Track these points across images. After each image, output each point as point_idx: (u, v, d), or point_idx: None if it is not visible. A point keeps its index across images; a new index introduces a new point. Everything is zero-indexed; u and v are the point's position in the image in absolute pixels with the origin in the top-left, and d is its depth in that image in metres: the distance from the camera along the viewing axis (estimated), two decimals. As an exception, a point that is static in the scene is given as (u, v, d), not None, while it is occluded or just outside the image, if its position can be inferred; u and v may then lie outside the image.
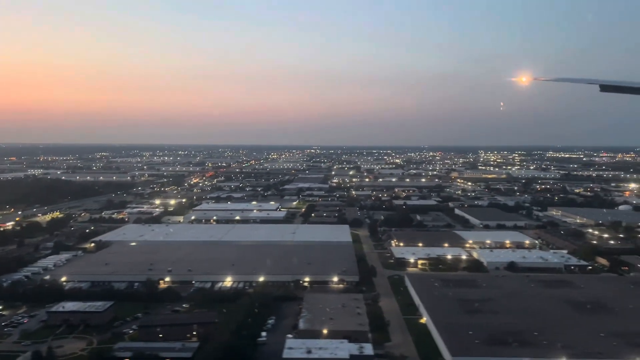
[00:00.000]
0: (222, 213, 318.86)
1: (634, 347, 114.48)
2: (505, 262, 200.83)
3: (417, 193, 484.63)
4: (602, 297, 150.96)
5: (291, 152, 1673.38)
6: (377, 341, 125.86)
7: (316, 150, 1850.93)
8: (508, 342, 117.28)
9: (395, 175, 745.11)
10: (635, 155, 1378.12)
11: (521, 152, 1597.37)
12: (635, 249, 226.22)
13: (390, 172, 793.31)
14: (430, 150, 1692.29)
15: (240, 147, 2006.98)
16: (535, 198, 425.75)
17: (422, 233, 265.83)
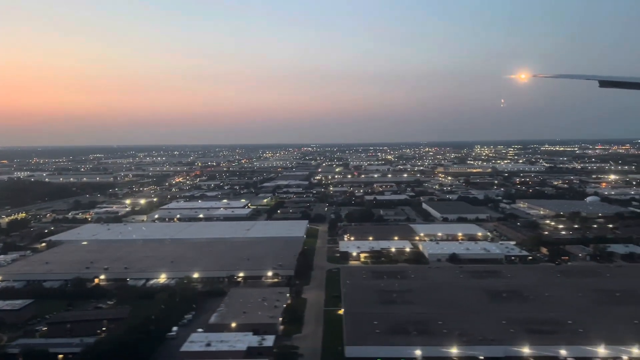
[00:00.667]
0: (186, 211, 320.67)
1: (530, 333, 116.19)
2: (447, 254, 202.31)
3: (394, 188, 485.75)
4: (522, 286, 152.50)
5: (287, 150, 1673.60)
6: (287, 333, 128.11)
7: (313, 148, 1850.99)
8: (408, 331, 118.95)
9: (381, 171, 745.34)
10: (630, 147, 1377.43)
11: (517, 147, 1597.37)
12: (581, 238, 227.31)
13: (377, 169, 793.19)
14: (428, 146, 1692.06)
15: (237, 147, 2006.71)
16: (508, 191, 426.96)
17: (378, 227, 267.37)
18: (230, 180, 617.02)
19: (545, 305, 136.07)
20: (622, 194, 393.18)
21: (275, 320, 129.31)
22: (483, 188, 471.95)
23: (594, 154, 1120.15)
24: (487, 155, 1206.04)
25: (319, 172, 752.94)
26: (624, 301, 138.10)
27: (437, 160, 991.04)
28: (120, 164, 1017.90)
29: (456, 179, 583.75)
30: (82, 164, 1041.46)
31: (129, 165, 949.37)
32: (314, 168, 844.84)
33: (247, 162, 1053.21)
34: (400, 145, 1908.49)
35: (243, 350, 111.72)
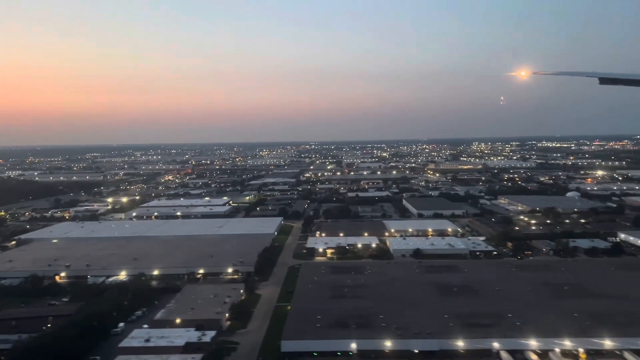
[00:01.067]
0: (165, 209, 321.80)
1: (468, 327, 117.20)
2: (411, 250, 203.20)
3: (381, 185, 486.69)
4: (475, 281, 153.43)
5: (285, 148, 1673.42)
6: (233, 328, 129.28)
7: (311, 146, 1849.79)
8: (348, 325, 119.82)
9: (372, 168, 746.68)
10: (627, 143, 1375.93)
11: (515, 143, 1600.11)
12: (548, 234, 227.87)
13: (368, 166, 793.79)
14: (428, 144, 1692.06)
15: (236, 145, 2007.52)
16: (491, 187, 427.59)
17: (353, 223, 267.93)
18: (220, 178, 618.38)
19: (492, 299, 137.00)
20: (604, 190, 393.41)
21: (221, 316, 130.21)
22: (468, 184, 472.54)
23: (589, 150, 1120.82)
24: (483, 152, 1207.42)
25: (310, 169, 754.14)
26: (570, 295, 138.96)
27: (432, 157, 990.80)
28: (114, 162, 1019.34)
29: (444, 175, 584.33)
30: (77, 162, 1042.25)
31: (123, 164, 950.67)
32: (307, 166, 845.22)
33: (241, 161, 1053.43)
34: (399, 142, 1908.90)
35: (181, 346, 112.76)
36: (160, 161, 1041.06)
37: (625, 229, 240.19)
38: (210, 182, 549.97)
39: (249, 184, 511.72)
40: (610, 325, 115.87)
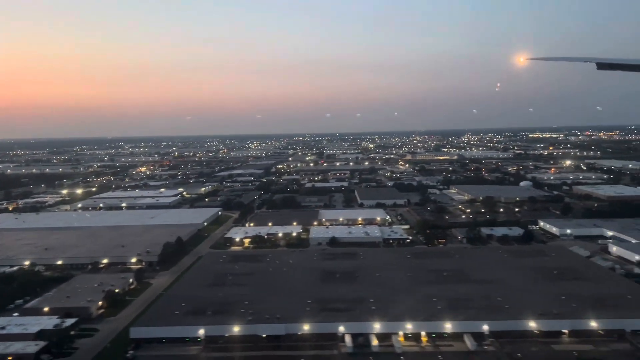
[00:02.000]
0: (112, 200, 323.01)
1: (324, 312, 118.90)
2: (328, 238, 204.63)
3: (347, 175, 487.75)
4: (360, 267, 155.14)
5: (278, 140, 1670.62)
6: (103, 316, 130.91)
7: (305, 138, 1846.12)
8: (206, 312, 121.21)
9: (350, 159, 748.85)
10: (616, 133, 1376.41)
11: (508, 134, 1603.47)
12: (469, 222, 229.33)
13: (347, 157, 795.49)
14: (425, 135, 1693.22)
15: (229, 137, 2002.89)
16: (448, 177, 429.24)
17: (289, 213, 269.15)
18: (192, 169, 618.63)
19: (364, 285, 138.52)
20: (560, 179, 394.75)
21: (92, 304, 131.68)
22: (431, 175, 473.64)
23: (573, 141, 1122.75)
24: (469, 143, 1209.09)
25: (289, 160, 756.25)
26: (445, 280, 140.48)
27: (415, 148, 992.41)
28: (96, 155, 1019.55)
29: (414, 166, 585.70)
30: (61, 155, 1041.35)
31: (104, 156, 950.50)
32: (287, 157, 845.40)
33: (225, 153, 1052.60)
34: (395, 134, 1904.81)
35: (33, 333, 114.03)
36: (144, 153, 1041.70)
37: (552, 216, 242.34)
38: (178, 174, 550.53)
39: (215, 176, 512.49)
40: (461, 310, 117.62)
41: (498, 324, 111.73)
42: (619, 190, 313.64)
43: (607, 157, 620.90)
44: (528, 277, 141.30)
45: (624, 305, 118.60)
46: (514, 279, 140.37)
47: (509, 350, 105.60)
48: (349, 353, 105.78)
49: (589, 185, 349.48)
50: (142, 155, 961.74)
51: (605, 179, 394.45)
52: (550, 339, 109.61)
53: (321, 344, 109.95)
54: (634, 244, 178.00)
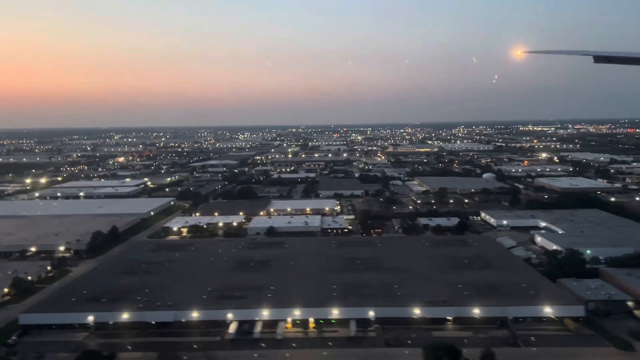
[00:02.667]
0: (71, 190, 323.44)
1: (221, 299, 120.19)
2: (266, 228, 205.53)
3: (321, 167, 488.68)
4: (279, 256, 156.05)
5: (270, 131, 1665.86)
6: (10, 302, 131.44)
7: (297, 129, 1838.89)
8: (102, 299, 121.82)
9: (333, 151, 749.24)
10: (606, 127, 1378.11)
11: (499, 127, 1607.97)
12: (408, 213, 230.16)
13: (329, 149, 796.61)
14: (421, 127, 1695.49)
15: (225, 128, 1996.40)
16: (414, 169, 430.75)
17: (241, 203, 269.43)
18: (170, 159, 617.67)
19: (274, 273, 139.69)
20: (527, 171, 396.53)
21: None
22: (403, 166, 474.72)
23: (559, 134, 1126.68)
24: (458, 135, 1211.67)
25: (271, 152, 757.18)
26: (352, 268, 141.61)
27: (403, 140, 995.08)
28: (81, 145, 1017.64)
29: (393, 157, 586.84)
30: (47, 144, 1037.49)
31: (87, 146, 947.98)
32: (269, 148, 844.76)
33: (212, 143, 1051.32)
34: (387, 126, 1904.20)
35: None
36: (130, 144, 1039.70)
37: (499, 208, 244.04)
38: (153, 164, 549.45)
39: (189, 166, 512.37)
40: (354, 296, 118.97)
41: (383, 310, 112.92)
42: (575, 182, 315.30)
43: (584, 150, 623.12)
44: (436, 266, 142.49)
45: (516, 293, 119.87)
46: (422, 267, 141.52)
47: (389, 336, 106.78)
48: (230, 339, 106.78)
49: (550, 177, 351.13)
50: (126, 146, 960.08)
51: (570, 171, 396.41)
52: (434, 326, 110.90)
53: (209, 330, 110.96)
54: (556, 234, 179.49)
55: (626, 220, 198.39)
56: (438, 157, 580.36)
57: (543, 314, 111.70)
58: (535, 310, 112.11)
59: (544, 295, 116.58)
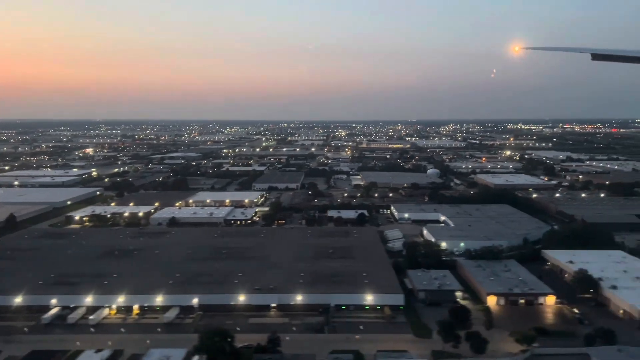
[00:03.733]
0: (6, 178, 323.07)
1: (56, 285, 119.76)
2: (167, 218, 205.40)
3: (282, 161, 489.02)
4: (149, 246, 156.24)
5: (261, 125, 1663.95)
6: None
7: (290, 125, 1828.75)
8: None
9: (306, 145, 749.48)
10: (595, 127, 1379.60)
11: (489, 125, 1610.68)
12: (319, 206, 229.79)
13: (303, 144, 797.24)
14: (414, 124, 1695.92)
15: (211, 122, 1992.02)
16: (367, 164, 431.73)
17: (168, 194, 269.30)
18: (137, 151, 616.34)
19: (132, 261, 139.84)
20: (476, 168, 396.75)
21: None
22: (359, 161, 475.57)
23: (545, 133, 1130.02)
24: (441, 132, 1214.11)
25: (245, 145, 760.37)
26: (213, 258, 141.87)
27: (384, 136, 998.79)
28: (58, 135, 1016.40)
29: (357, 153, 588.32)
30: (28, 135, 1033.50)
31: (63, 137, 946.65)
32: (244, 142, 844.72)
33: (194, 136, 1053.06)
34: (381, 122, 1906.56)
35: None
36: (109, 135, 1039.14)
37: (417, 202, 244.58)
38: (115, 156, 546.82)
39: (149, 158, 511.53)
40: (194, 284, 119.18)
41: (208, 297, 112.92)
42: (512, 179, 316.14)
43: (555, 149, 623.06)
44: (298, 255, 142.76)
45: (349, 282, 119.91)
46: (284, 256, 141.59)
47: (206, 322, 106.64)
48: (45, 324, 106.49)
49: (492, 174, 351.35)
50: (104, 137, 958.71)
51: (519, 168, 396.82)
52: (258, 313, 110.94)
53: (30, 315, 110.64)
54: (442, 228, 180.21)
55: (524, 215, 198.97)
56: (402, 153, 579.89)
57: (364, 302, 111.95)
58: (357, 299, 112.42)
59: (373, 285, 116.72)
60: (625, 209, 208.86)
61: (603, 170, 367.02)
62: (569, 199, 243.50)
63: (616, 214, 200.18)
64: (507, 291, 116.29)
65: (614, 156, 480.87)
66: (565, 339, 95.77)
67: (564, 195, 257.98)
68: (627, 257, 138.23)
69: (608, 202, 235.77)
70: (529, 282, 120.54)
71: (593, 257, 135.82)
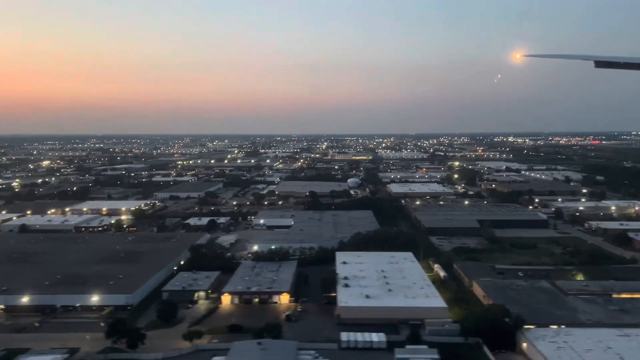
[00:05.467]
0: None
1: None
2: (18, 225, 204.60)
3: (225, 172, 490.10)
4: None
5: (254, 139, 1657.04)
6: None
7: (282, 138, 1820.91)
8: None
9: (271, 157, 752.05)
10: (580, 139, 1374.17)
11: (479, 138, 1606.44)
12: (188, 214, 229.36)
13: (268, 156, 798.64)
14: (416, 138, 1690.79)
15: (212, 137, 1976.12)
16: (298, 174, 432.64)
17: (61, 202, 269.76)
18: (91, 164, 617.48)
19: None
20: (404, 177, 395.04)
21: None
22: (303, 172, 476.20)
23: (520, 145, 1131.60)
24: (424, 144, 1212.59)
25: (211, 157, 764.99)
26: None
27: (362, 149, 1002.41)
28: (26, 149, 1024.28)
29: (312, 164, 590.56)
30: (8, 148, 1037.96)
31: (33, 150, 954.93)
32: (218, 154, 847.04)
33: (176, 149, 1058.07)
34: (376, 135, 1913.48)
35: None
36: (84, 149, 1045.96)
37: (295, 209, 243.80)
38: (61, 167, 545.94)
39: (97, 170, 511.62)
40: None
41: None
42: (420, 188, 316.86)
43: (498, 160, 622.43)
44: (92, 259, 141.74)
45: (98, 284, 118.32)
46: (77, 260, 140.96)
47: None
48: None
49: (401, 183, 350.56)
50: (70, 151, 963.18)
51: (444, 178, 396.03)
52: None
53: None
54: (260, 232, 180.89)
55: (372, 220, 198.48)
56: (351, 164, 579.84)
57: (90, 302, 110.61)
58: (83, 299, 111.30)
59: (112, 287, 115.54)
60: (475, 215, 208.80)
61: (524, 180, 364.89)
62: (424, 206, 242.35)
63: (461, 219, 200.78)
64: (244, 290, 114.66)
65: (553, 166, 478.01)
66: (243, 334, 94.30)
67: (426, 203, 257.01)
68: (410, 258, 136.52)
69: (468, 208, 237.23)
70: (278, 282, 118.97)
71: (374, 258, 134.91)
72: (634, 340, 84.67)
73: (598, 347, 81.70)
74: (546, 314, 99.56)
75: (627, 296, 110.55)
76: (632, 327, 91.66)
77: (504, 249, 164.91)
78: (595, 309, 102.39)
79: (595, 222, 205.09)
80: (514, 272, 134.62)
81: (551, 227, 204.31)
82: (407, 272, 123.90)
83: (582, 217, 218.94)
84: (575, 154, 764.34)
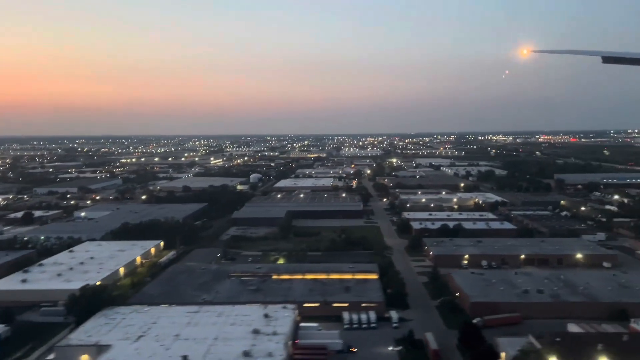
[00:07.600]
0: None
1: None
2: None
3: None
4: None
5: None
6: None
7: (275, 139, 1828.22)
8: None
9: (248, 155, 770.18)
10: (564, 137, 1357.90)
11: (469, 137, 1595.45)
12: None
13: (242, 153, 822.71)
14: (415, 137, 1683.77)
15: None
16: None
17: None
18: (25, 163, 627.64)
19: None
20: (319, 174, 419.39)
21: None
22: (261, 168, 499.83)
23: (495, 143, 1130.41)
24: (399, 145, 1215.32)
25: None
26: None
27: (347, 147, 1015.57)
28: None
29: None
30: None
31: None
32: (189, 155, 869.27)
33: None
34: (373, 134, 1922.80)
35: None
36: (44, 149, 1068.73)
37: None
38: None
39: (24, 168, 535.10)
40: None
41: None
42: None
43: (454, 157, 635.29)
44: None
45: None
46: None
47: None
48: None
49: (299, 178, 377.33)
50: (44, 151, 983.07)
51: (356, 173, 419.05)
52: None
53: None
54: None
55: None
56: (289, 162, 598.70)
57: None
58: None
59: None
60: (292, 207, 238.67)
61: (424, 175, 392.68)
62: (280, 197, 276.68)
63: (272, 210, 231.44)
64: None
65: (475, 162, 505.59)
66: None
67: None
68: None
69: (330, 198, 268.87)
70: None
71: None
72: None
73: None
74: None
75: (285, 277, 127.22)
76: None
77: (287, 238, 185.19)
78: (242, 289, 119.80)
79: (407, 212, 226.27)
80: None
81: (365, 218, 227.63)
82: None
83: (409, 207, 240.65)
84: (517, 151, 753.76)
